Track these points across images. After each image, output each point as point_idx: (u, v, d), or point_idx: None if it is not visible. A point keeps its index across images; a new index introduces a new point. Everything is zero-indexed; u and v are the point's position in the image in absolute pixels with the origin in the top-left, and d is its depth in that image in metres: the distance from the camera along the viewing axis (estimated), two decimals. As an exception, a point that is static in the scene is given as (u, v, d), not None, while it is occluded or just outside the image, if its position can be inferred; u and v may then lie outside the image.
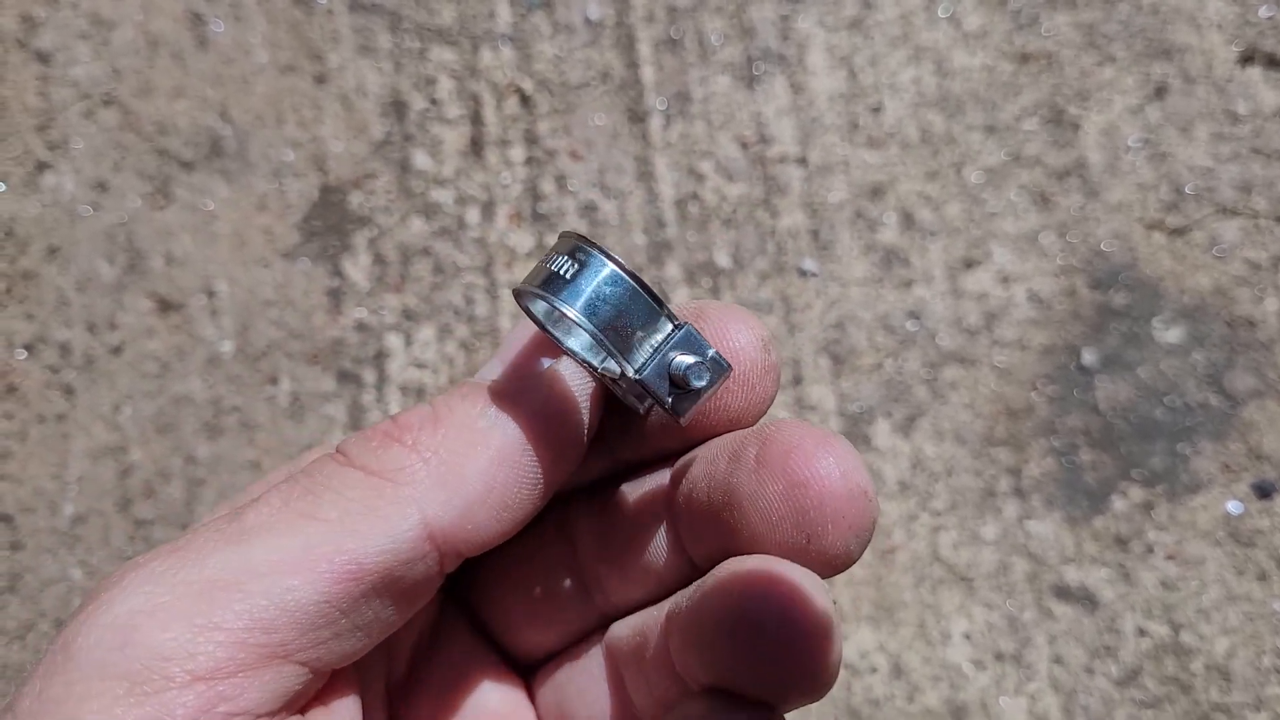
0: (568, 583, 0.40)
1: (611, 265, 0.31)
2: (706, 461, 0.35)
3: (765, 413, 0.36)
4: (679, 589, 0.36)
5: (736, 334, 0.35)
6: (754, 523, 0.32)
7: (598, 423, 0.36)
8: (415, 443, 0.33)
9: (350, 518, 0.31)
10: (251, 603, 0.30)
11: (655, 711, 0.37)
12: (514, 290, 0.34)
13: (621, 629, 0.38)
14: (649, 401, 0.35)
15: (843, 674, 0.77)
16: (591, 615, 0.40)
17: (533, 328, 0.35)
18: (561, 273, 0.31)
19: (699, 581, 0.33)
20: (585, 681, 0.40)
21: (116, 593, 0.30)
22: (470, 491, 0.33)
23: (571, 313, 0.31)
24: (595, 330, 0.31)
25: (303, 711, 0.33)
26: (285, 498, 0.32)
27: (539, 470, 0.34)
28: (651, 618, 0.37)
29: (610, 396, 0.36)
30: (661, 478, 0.38)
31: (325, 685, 0.34)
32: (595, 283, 0.31)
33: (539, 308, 0.34)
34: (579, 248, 0.32)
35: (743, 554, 0.32)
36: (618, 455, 0.39)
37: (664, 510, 0.37)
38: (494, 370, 0.36)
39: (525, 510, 0.34)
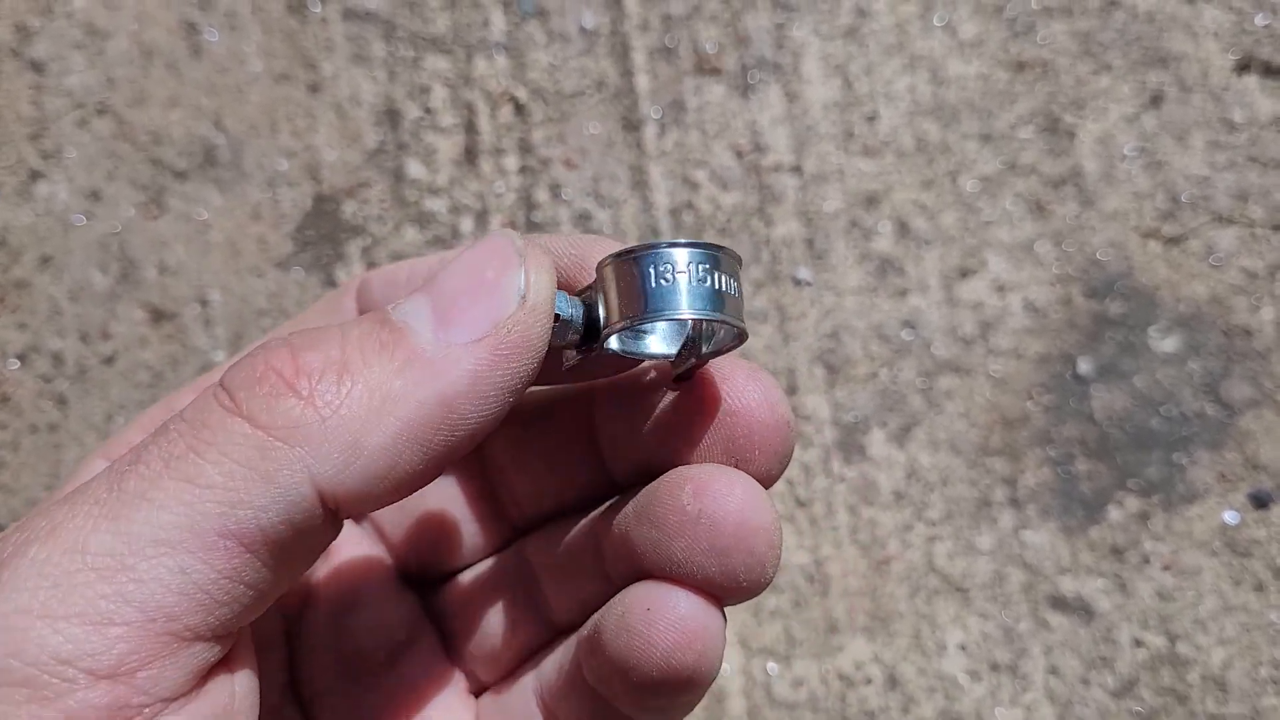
0: (475, 501, 0.40)
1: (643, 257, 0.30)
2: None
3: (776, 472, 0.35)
4: (594, 502, 0.37)
5: (747, 392, 0.34)
6: (682, 446, 0.34)
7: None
8: (313, 395, 0.29)
9: (237, 482, 0.28)
10: (146, 590, 0.27)
11: (576, 612, 0.37)
12: (611, 331, 0.31)
13: (543, 540, 0.39)
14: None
15: (836, 685, 0.77)
16: (503, 529, 0.40)
17: (491, 282, 0.31)
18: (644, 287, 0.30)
19: (651, 485, 0.34)
20: (492, 593, 0.40)
21: None
22: (371, 466, 0.29)
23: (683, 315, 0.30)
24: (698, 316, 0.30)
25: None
26: (166, 457, 0.28)
27: (453, 446, 0.30)
28: (581, 528, 0.37)
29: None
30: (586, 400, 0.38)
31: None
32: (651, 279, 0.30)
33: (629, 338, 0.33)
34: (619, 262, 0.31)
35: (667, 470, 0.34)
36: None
37: (586, 428, 0.37)
38: (421, 312, 0.31)
39: (431, 478, 0.31)
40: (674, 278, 0.30)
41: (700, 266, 0.30)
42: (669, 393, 0.35)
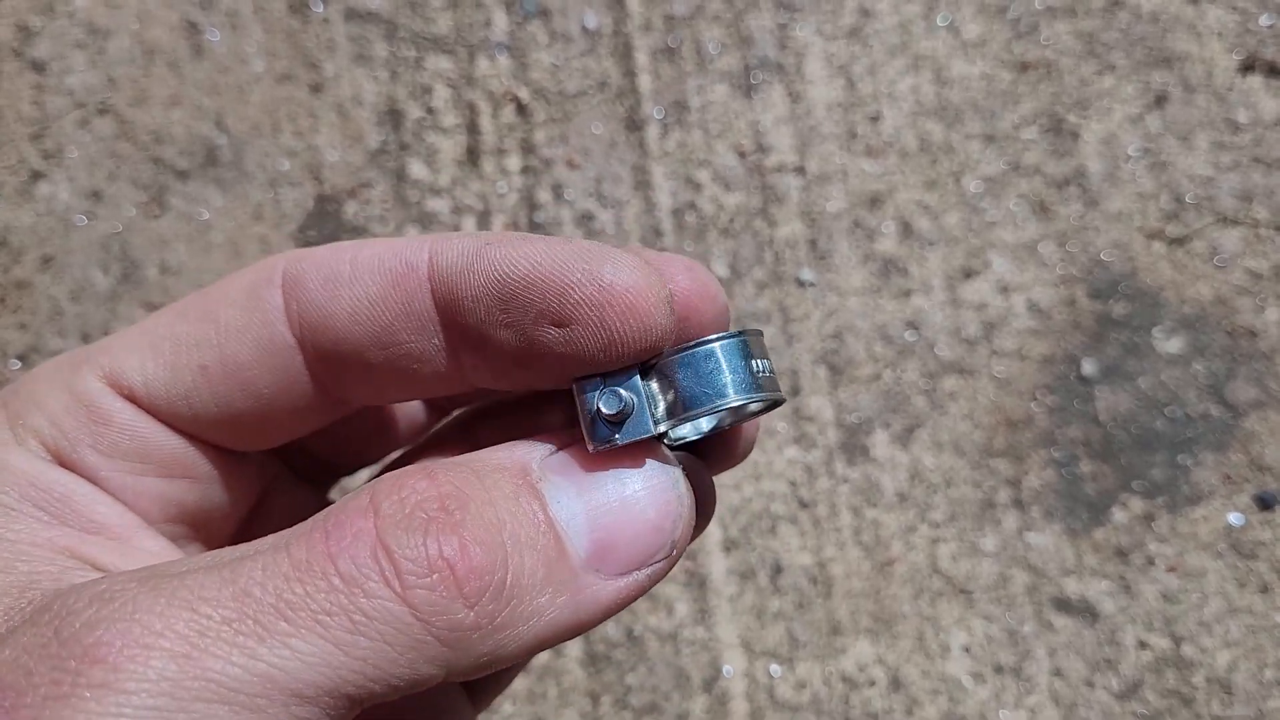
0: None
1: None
2: None
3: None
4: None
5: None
6: None
7: None
8: (478, 606, 0.29)
9: (382, 662, 0.28)
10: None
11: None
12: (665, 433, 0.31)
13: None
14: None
15: (840, 687, 0.77)
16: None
17: (654, 533, 0.32)
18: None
19: None
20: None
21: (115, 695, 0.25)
22: (493, 666, 0.30)
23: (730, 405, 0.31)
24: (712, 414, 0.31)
25: None
26: (316, 614, 0.27)
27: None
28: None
29: None
30: None
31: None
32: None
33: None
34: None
35: None
36: None
37: None
38: (575, 523, 0.31)
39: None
40: (719, 369, 0.31)
41: (737, 356, 0.31)
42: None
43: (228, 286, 0.34)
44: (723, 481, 0.76)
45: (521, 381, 0.33)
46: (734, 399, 0.31)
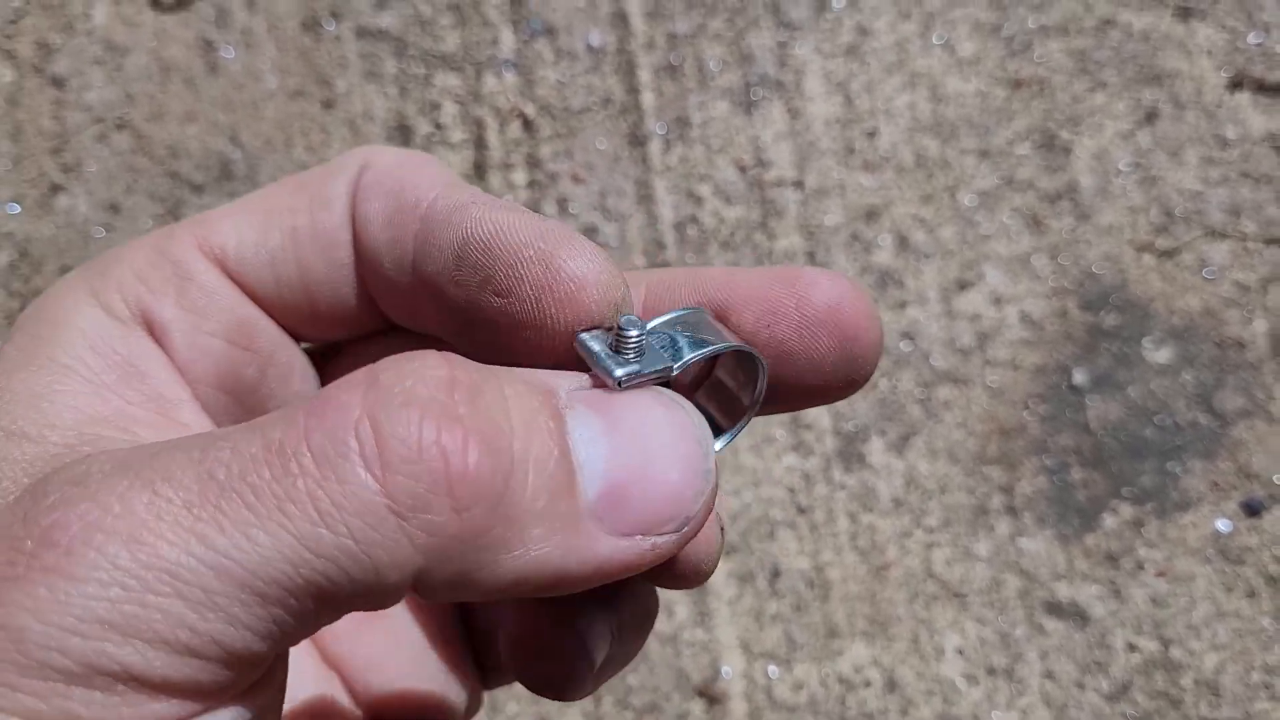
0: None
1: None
2: None
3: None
4: None
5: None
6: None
7: None
8: (468, 510, 0.26)
9: (345, 556, 0.25)
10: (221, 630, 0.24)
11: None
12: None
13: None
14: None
15: (836, 688, 0.79)
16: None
17: (676, 498, 0.29)
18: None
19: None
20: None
21: (71, 583, 0.23)
22: (463, 591, 0.28)
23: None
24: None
25: None
26: (281, 495, 0.25)
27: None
28: None
29: None
30: None
31: None
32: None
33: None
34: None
35: None
36: None
37: None
38: (594, 459, 0.28)
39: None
40: (709, 325, 0.33)
41: (714, 320, 0.33)
42: None
43: (318, 170, 0.35)
44: (723, 488, 0.78)
45: (472, 343, 0.32)
46: (736, 343, 0.31)
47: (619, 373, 0.28)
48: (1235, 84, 0.87)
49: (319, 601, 0.25)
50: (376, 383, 0.25)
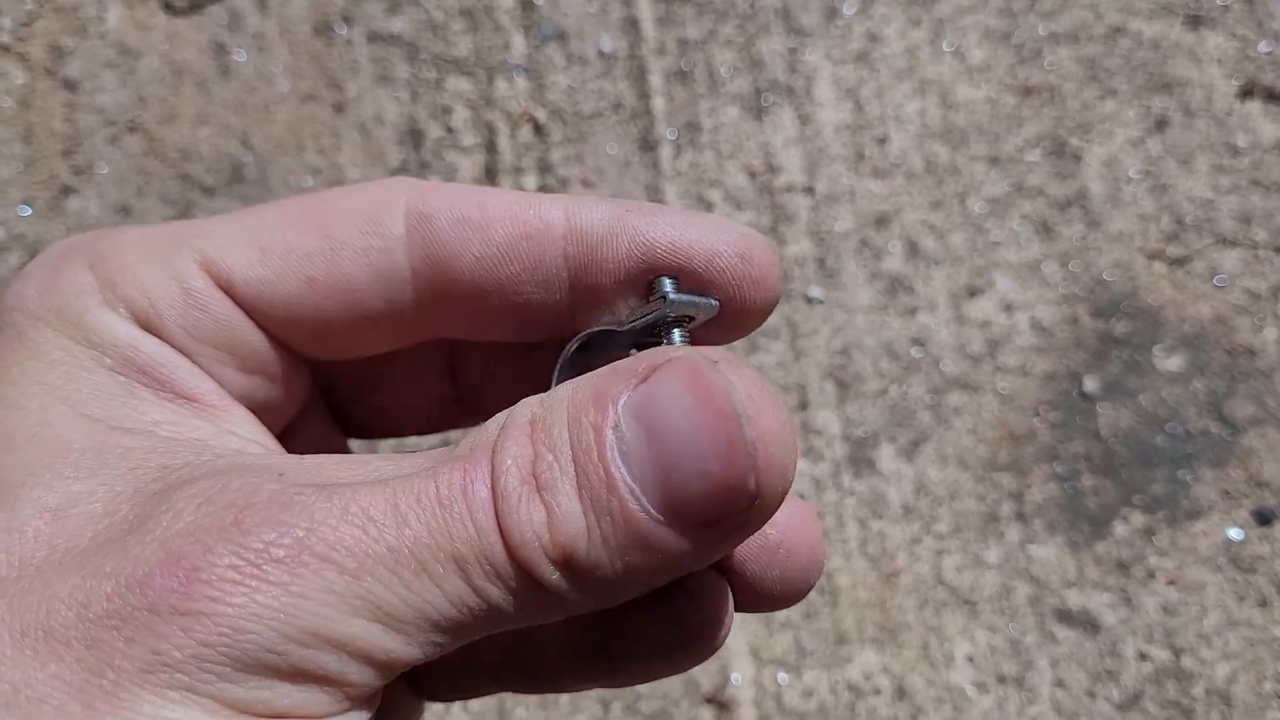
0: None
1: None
2: None
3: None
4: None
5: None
6: None
7: None
8: (564, 566, 0.29)
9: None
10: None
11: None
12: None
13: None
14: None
15: (846, 695, 0.78)
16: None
17: (723, 472, 0.29)
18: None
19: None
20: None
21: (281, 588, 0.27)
22: None
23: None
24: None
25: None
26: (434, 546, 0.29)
27: None
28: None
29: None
30: None
31: None
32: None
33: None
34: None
35: None
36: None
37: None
38: (650, 491, 0.29)
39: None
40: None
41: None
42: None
43: (341, 203, 0.35)
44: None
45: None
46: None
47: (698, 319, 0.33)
48: (1246, 92, 0.87)
49: (467, 633, 0.29)
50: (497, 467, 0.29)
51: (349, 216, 0.34)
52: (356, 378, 0.41)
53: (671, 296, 0.33)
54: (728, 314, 0.33)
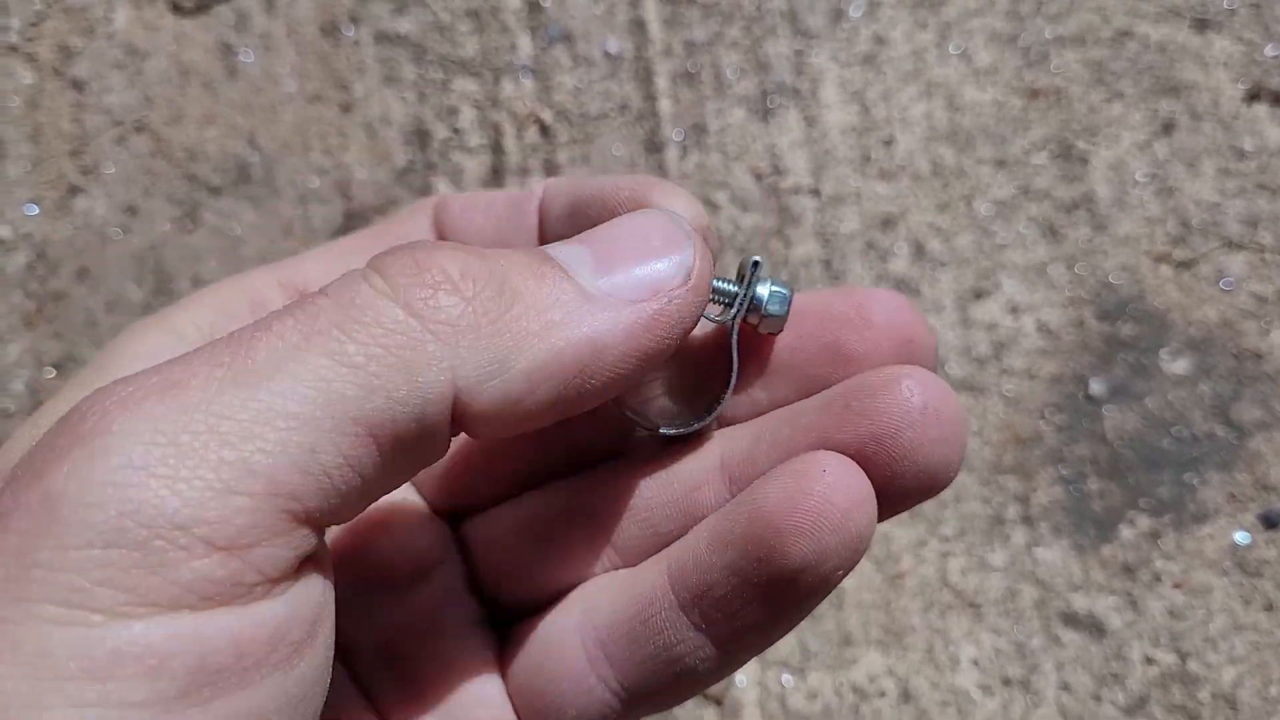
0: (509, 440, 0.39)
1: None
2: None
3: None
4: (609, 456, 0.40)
5: (674, 206, 0.36)
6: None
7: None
8: (476, 298, 0.28)
9: (381, 368, 0.27)
10: (273, 463, 0.25)
11: (648, 546, 0.38)
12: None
13: (591, 481, 0.40)
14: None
15: (850, 697, 0.78)
16: (535, 469, 0.40)
17: (656, 248, 0.33)
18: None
19: (833, 390, 0.35)
20: (526, 527, 0.39)
21: (107, 441, 0.25)
22: (511, 387, 0.28)
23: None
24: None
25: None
26: (307, 330, 0.27)
27: (581, 394, 0.30)
28: (641, 471, 0.39)
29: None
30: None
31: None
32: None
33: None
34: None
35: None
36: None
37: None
38: (582, 259, 0.31)
39: (545, 421, 0.30)
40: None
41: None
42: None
43: (397, 216, 0.41)
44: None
45: None
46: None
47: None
48: (1253, 96, 0.87)
49: (372, 430, 0.27)
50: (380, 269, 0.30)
51: (400, 217, 0.43)
52: None
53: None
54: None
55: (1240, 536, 0.80)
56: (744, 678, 0.78)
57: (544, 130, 0.87)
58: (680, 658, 0.34)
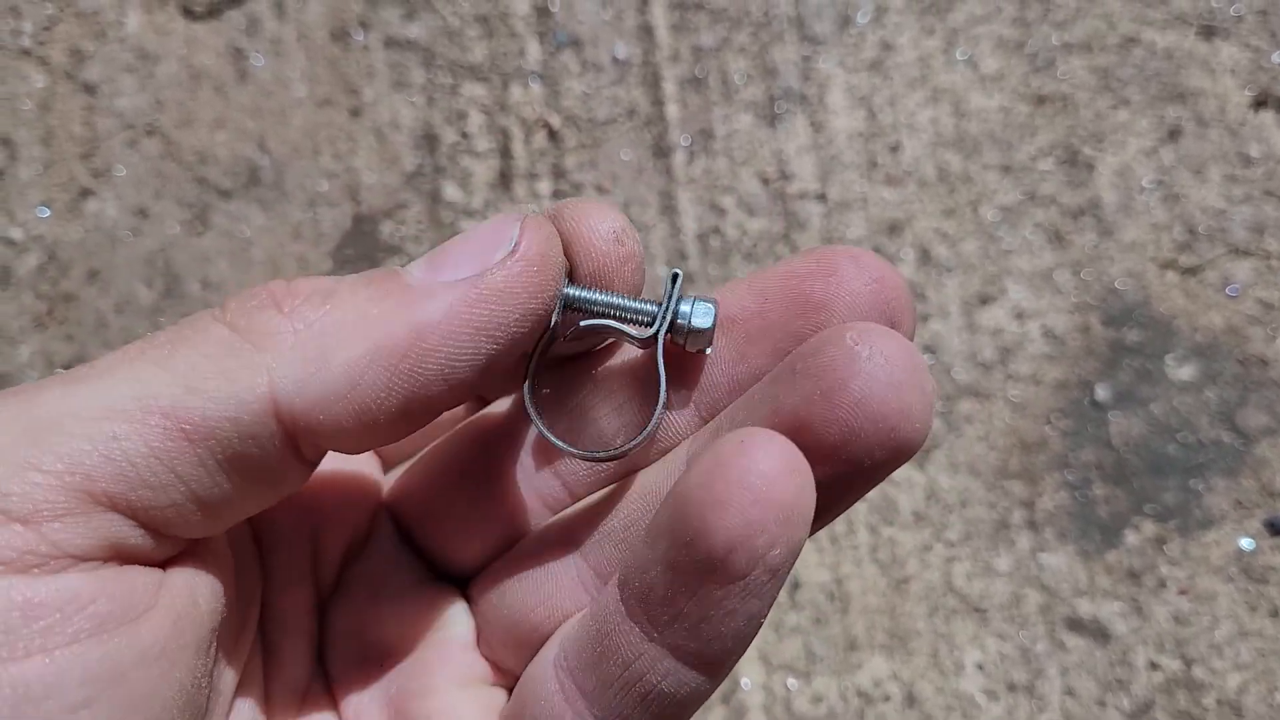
0: (490, 501, 0.39)
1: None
2: None
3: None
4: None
5: (595, 225, 0.35)
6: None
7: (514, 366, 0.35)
8: (293, 311, 0.31)
9: (197, 373, 0.29)
10: (72, 445, 0.28)
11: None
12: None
13: (568, 524, 0.39)
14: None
15: (855, 702, 0.78)
16: (519, 525, 0.40)
17: (485, 238, 0.34)
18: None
19: (791, 357, 0.33)
20: (520, 580, 0.38)
21: None
22: (332, 382, 0.30)
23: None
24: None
25: (163, 566, 0.31)
26: (144, 345, 0.30)
27: (421, 381, 0.31)
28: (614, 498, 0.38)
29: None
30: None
31: (199, 557, 0.33)
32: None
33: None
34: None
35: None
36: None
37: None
38: (418, 264, 0.33)
39: (399, 421, 0.31)
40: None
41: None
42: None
43: None
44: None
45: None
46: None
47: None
48: (1259, 103, 0.87)
49: (187, 428, 0.29)
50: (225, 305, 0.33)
51: None
52: None
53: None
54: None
55: (1246, 542, 0.80)
56: (749, 681, 0.78)
57: (552, 135, 0.87)
58: (641, 676, 0.33)
